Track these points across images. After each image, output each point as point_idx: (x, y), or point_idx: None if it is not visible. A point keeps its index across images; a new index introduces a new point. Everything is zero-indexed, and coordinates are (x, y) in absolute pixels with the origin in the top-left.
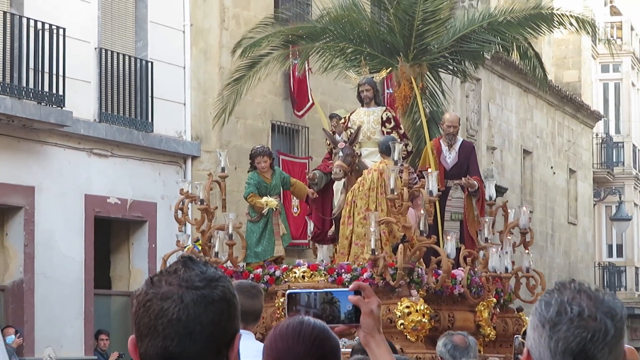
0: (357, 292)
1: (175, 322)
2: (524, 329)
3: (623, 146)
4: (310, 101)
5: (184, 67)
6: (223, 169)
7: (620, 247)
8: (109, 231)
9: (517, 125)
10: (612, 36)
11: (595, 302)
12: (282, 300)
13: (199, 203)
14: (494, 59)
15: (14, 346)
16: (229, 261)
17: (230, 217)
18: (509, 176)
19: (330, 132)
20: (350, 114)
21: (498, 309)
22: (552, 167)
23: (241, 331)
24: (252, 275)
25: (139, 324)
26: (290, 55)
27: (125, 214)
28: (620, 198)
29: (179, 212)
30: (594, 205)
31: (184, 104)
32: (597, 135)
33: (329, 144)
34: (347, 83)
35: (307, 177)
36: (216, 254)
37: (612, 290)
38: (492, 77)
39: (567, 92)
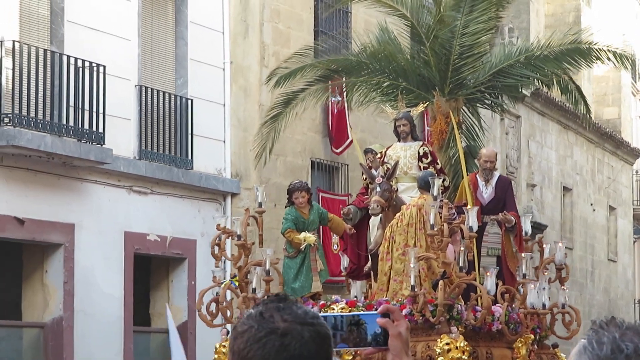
0: (385, 314)
1: (297, 358)
2: None
3: None
4: (350, 138)
5: (224, 105)
6: (260, 204)
7: None
8: (149, 268)
9: (557, 162)
10: None
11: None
12: None
13: (236, 239)
14: (534, 96)
15: None
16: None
17: (268, 253)
18: (549, 213)
19: (367, 167)
20: (387, 148)
21: (535, 346)
22: (592, 204)
23: None
24: None
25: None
26: (330, 91)
27: (164, 251)
28: None
29: (216, 247)
30: (634, 242)
31: (224, 142)
32: (637, 172)
33: (365, 179)
34: (385, 119)
35: (341, 212)
36: (253, 290)
37: None
38: (531, 114)
39: (607, 129)
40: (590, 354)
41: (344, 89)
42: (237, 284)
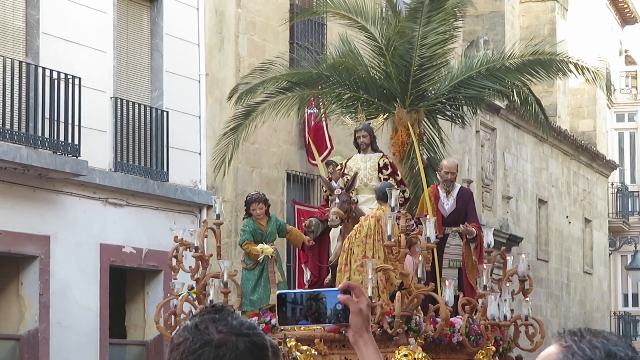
0: (346, 291)
1: None
2: None
3: (639, 195)
4: (329, 148)
5: (199, 117)
6: (218, 216)
7: (635, 297)
8: (124, 280)
9: (533, 175)
10: (627, 85)
11: (617, 341)
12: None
13: (194, 250)
14: (509, 109)
15: None
16: None
17: (225, 265)
18: (524, 225)
19: (327, 179)
20: (347, 160)
21: (497, 358)
22: (567, 217)
23: None
24: None
25: None
26: (306, 104)
27: (140, 263)
28: (635, 247)
29: (174, 259)
30: (610, 254)
31: (199, 154)
32: (612, 184)
33: (325, 191)
34: (345, 129)
35: (303, 224)
36: (211, 302)
37: (628, 339)
38: (507, 127)
39: (583, 142)
40: (580, 358)
41: (319, 98)
42: (194, 296)
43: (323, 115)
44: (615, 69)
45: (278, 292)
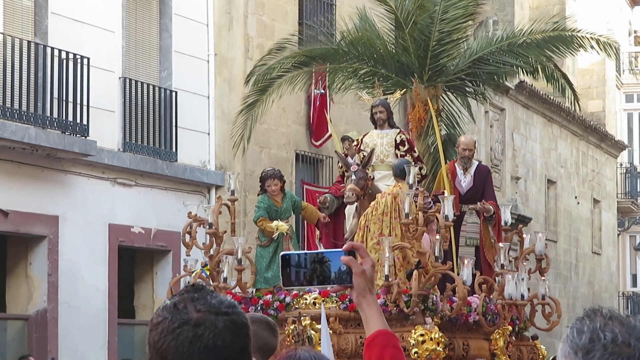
0: (350, 252)
1: (212, 348)
2: (552, 357)
3: None
4: (329, 132)
5: (208, 97)
6: (232, 192)
7: None
8: (133, 261)
9: (542, 155)
10: (635, 66)
11: (628, 328)
12: (292, 327)
13: (208, 227)
14: (518, 89)
15: None
16: (237, 287)
17: (240, 242)
18: (533, 206)
19: (343, 155)
20: (363, 136)
21: (514, 337)
22: (576, 197)
23: None
24: (261, 302)
25: (166, 351)
26: (313, 80)
27: (149, 243)
28: None
29: (187, 236)
30: (618, 235)
31: (208, 134)
32: (621, 165)
33: (341, 167)
34: (366, 110)
35: (318, 200)
36: (225, 280)
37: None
38: (516, 107)
39: (592, 122)
40: (570, 342)
41: (326, 78)
42: (208, 273)
43: (327, 95)
44: (624, 49)
45: (282, 253)
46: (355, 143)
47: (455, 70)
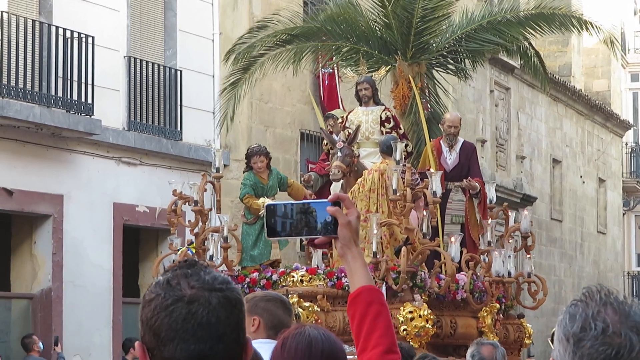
0: (336, 203)
1: (205, 324)
2: (552, 331)
3: None
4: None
5: (213, 76)
6: (218, 169)
7: None
8: (138, 240)
9: (547, 135)
10: None
11: (621, 316)
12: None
13: (193, 204)
14: (524, 68)
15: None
16: (223, 264)
17: (225, 219)
18: (538, 185)
19: (328, 132)
20: (348, 113)
21: (501, 315)
22: (581, 177)
23: (269, 340)
24: (248, 280)
25: (159, 328)
26: (320, 62)
27: (154, 222)
28: None
29: (172, 213)
30: (624, 214)
31: (213, 113)
32: (626, 144)
33: (326, 144)
34: (347, 82)
35: (302, 179)
36: (210, 257)
37: None
38: (521, 86)
39: (597, 101)
40: (563, 329)
41: (333, 57)
42: (194, 251)
43: (337, 75)
44: (629, 28)
45: (267, 203)
46: (339, 120)
47: (439, 47)
